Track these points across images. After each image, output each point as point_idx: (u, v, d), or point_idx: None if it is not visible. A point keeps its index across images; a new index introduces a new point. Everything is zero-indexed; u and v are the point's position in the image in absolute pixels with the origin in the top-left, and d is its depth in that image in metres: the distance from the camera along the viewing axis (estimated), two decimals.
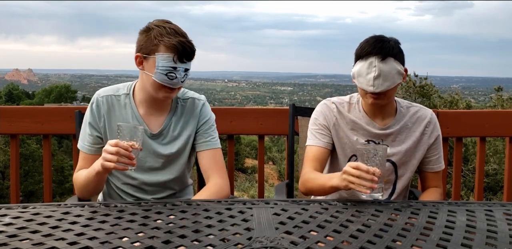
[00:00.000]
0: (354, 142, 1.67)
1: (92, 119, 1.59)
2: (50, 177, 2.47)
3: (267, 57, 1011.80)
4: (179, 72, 1.48)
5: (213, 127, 1.68)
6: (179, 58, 1.47)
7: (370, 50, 1.53)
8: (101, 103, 1.59)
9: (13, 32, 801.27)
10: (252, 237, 1.04)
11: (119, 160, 1.32)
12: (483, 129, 2.40)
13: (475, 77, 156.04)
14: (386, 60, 1.52)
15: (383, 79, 1.52)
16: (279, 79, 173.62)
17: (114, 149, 1.31)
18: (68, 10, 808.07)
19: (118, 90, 1.62)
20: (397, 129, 1.66)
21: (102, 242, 1.00)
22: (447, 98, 11.48)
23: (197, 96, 1.68)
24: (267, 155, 25.65)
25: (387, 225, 1.16)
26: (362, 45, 1.57)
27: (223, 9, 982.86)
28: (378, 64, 1.51)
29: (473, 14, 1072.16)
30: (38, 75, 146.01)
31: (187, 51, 1.47)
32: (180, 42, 1.45)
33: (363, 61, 1.55)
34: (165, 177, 1.64)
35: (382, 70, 1.51)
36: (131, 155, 1.32)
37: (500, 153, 8.97)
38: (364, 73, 1.54)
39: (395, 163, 1.69)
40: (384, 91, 1.54)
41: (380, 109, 1.65)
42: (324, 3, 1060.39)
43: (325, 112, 1.71)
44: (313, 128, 1.71)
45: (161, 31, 1.47)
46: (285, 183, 1.99)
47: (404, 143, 1.66)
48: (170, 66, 1.46)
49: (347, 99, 1.73)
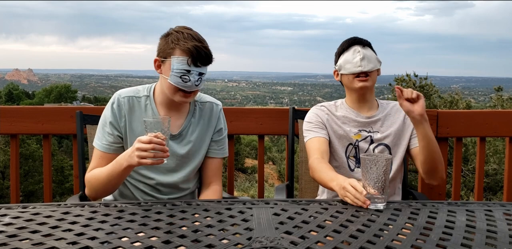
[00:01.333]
0: (348, 131, 1.81)
1: (113, 118, 1.60)
2: (50, 177, 2.47)
3: (267, 57, 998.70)
4: (193, 75, 1.51)
5: (223, 137, 1.76)
6: (193, 62, 1.50)
7: (352, 41, 1.80)
8: (122, 103, 1.60)
9: (14, 32, 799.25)
10: (252, 237, 1.04)
11: (155, 155, 1.32)
12: (483, 129, 2.40)
13: (475, 77, 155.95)
14: (366, 48, 1.79)
15: (367, 60, 1.75)
16: (279, 79, 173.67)
17: (150, 146, 1.31)
18: (69, 11, 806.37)
19: (138, 92, 1.65)
20: (382, 116, 1.84)
21: (102, 242, 1.00)
22: (447, 98, 11.48)
23: (214, 101, 1.74)
24: (267, 155, 25.65)
25: (387, 225, 1.16)
26: (342, 43, 1.83)
27: (223, 9, 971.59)
28: (361, 49, 1.77)
29: (474, 14, 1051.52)
30: (38, 75, 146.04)
31: (202, 55, 1.51)
32: (195, 46, 1.49)
33: (347, 51, 1.79)
34: (177, 178, 1.66)
35: (365, 53, 1.76)
36: (165, 148, 1.33)
37: (500, 153, 8.97)
38: (350, 59, 1.76)
39: (388, 145, 1.82)
40: (370, 71, 1.75)
41: (364, 101, 1.82)
42: (324, 3, 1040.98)
43: (317, 112, 1.87)
44: (308, 126, 1.83)
45: (178, 36, 1.52)
46: (285, 185, 1.99)
47: (392, 126, 1.82)
48: (184, 69, 1.50)
49: (333, 103, 1.91)
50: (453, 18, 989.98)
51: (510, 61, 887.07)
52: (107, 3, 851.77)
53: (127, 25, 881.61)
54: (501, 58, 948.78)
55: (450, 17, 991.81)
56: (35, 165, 17.36)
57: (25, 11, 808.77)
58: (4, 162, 16.34)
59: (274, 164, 27.22)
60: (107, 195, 1.63)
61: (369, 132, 1.81)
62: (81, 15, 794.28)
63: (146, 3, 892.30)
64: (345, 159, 1.81)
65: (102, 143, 1.60)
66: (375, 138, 1.80)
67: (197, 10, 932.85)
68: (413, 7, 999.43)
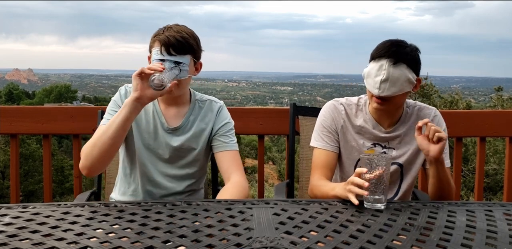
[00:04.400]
0: (361, 145, 1.67)
1: (121, 102, 1.61)
2: (50, 177, 2.47)
3: (267, 57, 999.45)
4: (167, 63, 1.51)
5: (233, 131, 1.72)
6: (166, 50, 1.51)
7: (383, 52, 1.51)
8: (129, 92, 1.62)
9: (14, 32, 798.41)
10: (252, 237, 1.04)
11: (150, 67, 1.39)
12: (483, 129, 2.39)
13: (475, 77, 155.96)
14: (397, 65, 1.49)
15: (390, 84, 1.50)
16: (279, 79, 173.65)
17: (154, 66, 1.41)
18: (69, 10, 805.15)
19: None
20: (403, 132, 1.65)
21: (102, 242, 1.00)
22: (447, 98, 11.48)
23: (214, 100, 1.75)
24: (267, 155, 25.65)
25: (387, 225, 1.16)
26: (378, 46, 1.55)
27: (223, 9, 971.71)
28: (388, 67, 1.49)
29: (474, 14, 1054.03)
30: (38, 75, 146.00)
31: (173, 43, 1.51)
32: (168, 36, 1.51)
33: (374, 62, 1.53)
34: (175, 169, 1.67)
35: (391, 74, 1.49)
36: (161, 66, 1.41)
37: (500, 153, 8.97)
38: (373, 74, 1.53)
39: (402, 164, 1.68)
40: (389, 96, 1.52)
41: (387, 113, 1.64)
42: (324, 3, 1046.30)
43: (334, 114, 1.69)
44: (321, 130, 1.70)
45: (160, 30, 1.56)
46: (285, 183, 1.99)
47: (410, 144, 1.66)
48: (159, 58, 1.52)
49: (355, 100, 1.71)
50: (453, 18, 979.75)
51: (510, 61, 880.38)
52: (107, 3, 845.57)
53: (127, 25, 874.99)
54: (501, 58, 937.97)
55: (450, 17, 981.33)
56: (35, 165, 17.36)
57: (25, 11, 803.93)
58: (4, 162, 16.34)
59: (274, 164, 27.22)
60: (103, 163, 1.51)
61: (384, 148, 1.66)
62: (81, 15, 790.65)
63: (146, 3, 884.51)
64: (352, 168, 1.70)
65: (107, 119, 1.57)
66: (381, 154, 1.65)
67: (197, 10, 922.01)
68: (413, 7, 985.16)
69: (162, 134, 1.64)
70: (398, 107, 1.63)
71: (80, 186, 2.43)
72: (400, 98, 1.56)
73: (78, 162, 1.60)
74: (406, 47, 1.53)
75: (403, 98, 1.59)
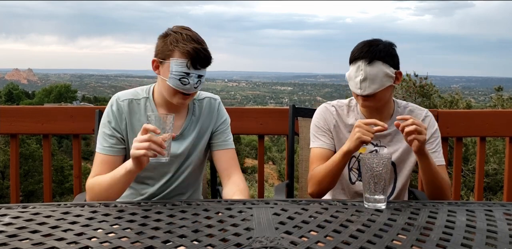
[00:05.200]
0: None
1: (114, 121, 1.58)
2: (50, 177, 2.47)
3: (267, 57, 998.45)
4: (192, 78, 1.50)
5: (229, 128, 1.73)
6: (192, 64, 1.49)
7: (357, 54, 1.59)
8: (122, 106, 1.59)
9: (14, 32, 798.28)
10: (252, 237, 1.04)
11: (150, 147, 1.29)
12: (483, 129, 2.39)
13: (475, 77, 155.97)
14: (373, 64, 1.57)
15: (370, 82, 1.57)
16: (279, 79, 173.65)
17: (146, 137, 1.30)
18: (69, 10, 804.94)
19: (137, 94, 1.63)
20: (394, 130, 1.68)
21: (102, 242, 1.00)
22: (447, 98, 11.48)
23: (211, 96, 1.72)
24: (267, 155, 25.64)
25: (387, 225, 1.16)
26: (353, 50, 1.63)
27: (223, 9, 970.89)
28: (364, 67, 1.57)
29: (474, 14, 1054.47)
30: (38, 75, 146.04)
31: (201, 58, 1.49)
32: (194, 49, 1.47)
33: (352, 65, 1.61)
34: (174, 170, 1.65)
35: (368, 73, 1.57)
36: (162, 143, 1.31)
37: (500, 153, 8.97)
38: (353, 76, 1.61)
39: (394, 163, 1.72)
40: (372, 94, 1.59)
41: (377, 111, 1.69)
42: (324, 3, 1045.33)
43: (325, 115, 1.76)
44: (316, 131, 1.75)
45: (177, 37, 1.50)
46: (285, 184, 1.99)
47: (401, 142, 1.69)
48: (183, 71, 1.49)
49: (346, 102, 1.78)
50: (453, 18, 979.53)
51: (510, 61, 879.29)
52: (107, 3, 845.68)
53: (127, 25, 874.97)
54: (501, 58, 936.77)
55: (450, 17, 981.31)
56: (35, 165, 17.37)
57: (25, 11, 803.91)
58: (4, 162, 16.34)
59: (274, 164, 27.21)
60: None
61: (376, 146, 1.71)
62: (81, 15, 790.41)
63: (146, 3, 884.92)
64: (347, 170, 1.74)
65: (103, 146, 1.57)
66: (381, 153, 1.68)
67: (197, 10, 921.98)
68: (413, 7, 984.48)
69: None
70: (385, 102, 1.67)
71: (80, 186, 2.43)
72: (383, 93, 1.62)
73: (78, 162, 1.61)
74: (378, 45, 1.59)
75: (388, 93, 1.64)
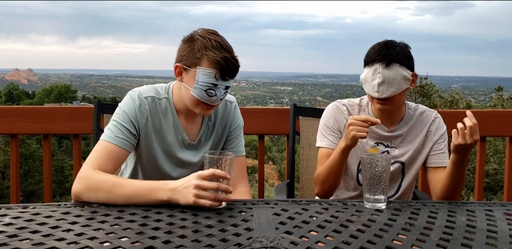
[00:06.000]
0: (364, 143, 1.69)
1: (134, 116, 1.46)
2: (50, 177, 2.47)
3: (267, 57, 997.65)
4: (219, 89, 1.41)
5: (242, 133, 1.66)
6: (221, 75, 1.39)
7: (375, 56, 1.56)
8: (145, 103, 1.49)
9: (14, 32, 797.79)
10: (252, 237, 1.04)
11: (216, 197, 1.21)
12: (483, 129, 2.38)
13: (475, 77, 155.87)
14: (391, 66, 1.54)
15: (388, 85, 1.55)
16: (279, 79, 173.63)
17: (214, 185, 1.20)
18: (69, 10, 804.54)
19: (158, 93, 1.53)
20: (405, 131, 1.69)
21: (102, 242, 1.00)
22: (447, 98, 11.49)
23: (228, 98, 1.63)
24: (267, 155, 25.64)
25: (387, 225, 1.16)
26: (368, 51, 1.60)
27: (223, 9, 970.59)
28: (382, 70, 1.54)
29: (474, 14, 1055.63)
30: (38, 75, 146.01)
31: (231, 68, 1.39)
32: (224, 58, 1.37)
33: (368, 67, 1.58)
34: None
35: (386, 76, 1.54)
36: (229, 188, 1.22)
37: (500, 153, 8.98)
38: (369, 79, 1.58)
39: (404, 163, 1.71)
40: (389, 97, 1.57)
41: (389, 113, 1.68)
42: (324, 3, 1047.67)
43: (336, 114, 1.72)
44: (324, 130, 1.72)
45: (206, 43, 1.38)
46: (286, 183, 1.99)
47: (412, 144, 1.70)
48: (211, 82, 1.39)
49: (357, 101, 1.75)
50: (453, 18, 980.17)
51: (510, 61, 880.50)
52: (107, 3, 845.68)
53: (127, 25, 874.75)
54: (501, 58, 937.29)
55: (450, 17, 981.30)
56: (35, 165, 17.38)
57: (25, 11, 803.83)
58: (4, 162, 16.36)
59: (274, 164, 27.23)
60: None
61: (387, 147, 1.70)
62: (81, 15, 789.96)
63: (146, 3, 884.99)
64: (356, 172, 1.73)
65: (116, 135, 1.41)
66: (392, 154, 1.68)
67: (197, 10, 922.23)
68: (413, 7, 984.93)
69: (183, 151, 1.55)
70: (400, 105, 1.67)
71: None
72: (400, 96, 1.61)
73: (78, 162, 1.60)
74: (395, 47, 1.57)
75: (404, 95, 1.64)
